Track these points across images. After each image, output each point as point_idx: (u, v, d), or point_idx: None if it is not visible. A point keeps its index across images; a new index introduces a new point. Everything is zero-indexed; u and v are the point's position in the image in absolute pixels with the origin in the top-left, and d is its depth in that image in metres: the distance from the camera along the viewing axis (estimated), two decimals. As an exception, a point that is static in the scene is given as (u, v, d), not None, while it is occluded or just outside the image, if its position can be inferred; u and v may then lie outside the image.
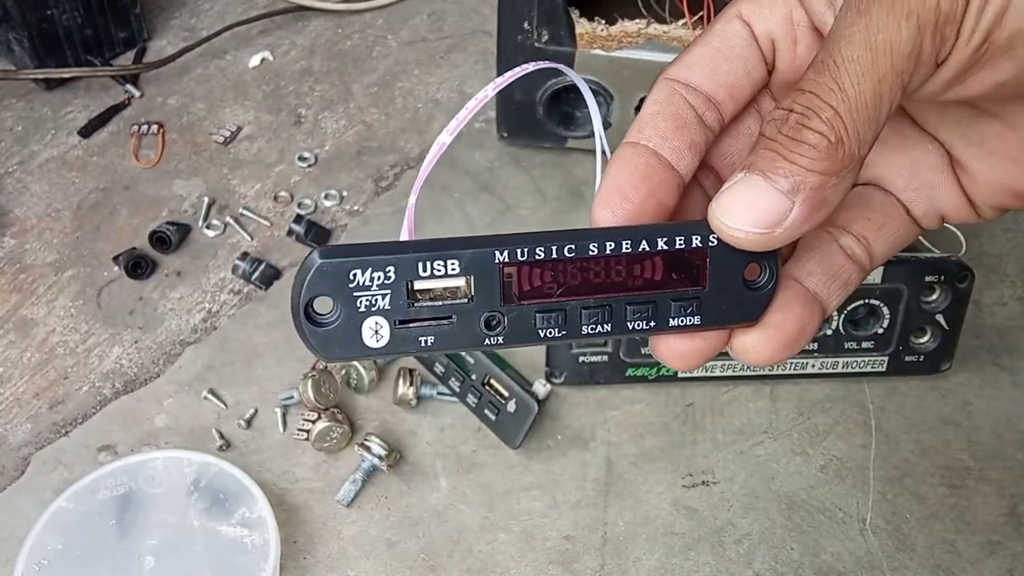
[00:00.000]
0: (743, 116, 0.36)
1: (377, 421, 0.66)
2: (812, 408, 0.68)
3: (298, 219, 0.76)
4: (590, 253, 0.32)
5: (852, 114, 0.29)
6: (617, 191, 0.33)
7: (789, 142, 0.29)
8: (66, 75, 0.86)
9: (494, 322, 0.32)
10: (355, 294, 0.31)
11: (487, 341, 0.32)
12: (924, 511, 0.63)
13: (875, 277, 0.64)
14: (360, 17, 0.95)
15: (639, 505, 0.63)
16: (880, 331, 0.66)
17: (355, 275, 0.30)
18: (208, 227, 0.77)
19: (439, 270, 0.31)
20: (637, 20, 0.73)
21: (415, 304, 0.31)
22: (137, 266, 0.73)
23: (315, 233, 0.76)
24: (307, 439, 0.64)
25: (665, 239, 0.32)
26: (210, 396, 0.67)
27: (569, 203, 0.79)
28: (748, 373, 0.68)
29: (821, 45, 0.30)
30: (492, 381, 0.64)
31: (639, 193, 0.33)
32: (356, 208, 0.79)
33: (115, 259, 0.74)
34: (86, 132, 0.84)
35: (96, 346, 0.70)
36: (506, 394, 0.63)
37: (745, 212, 0.30)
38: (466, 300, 0.31)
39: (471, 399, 0.65)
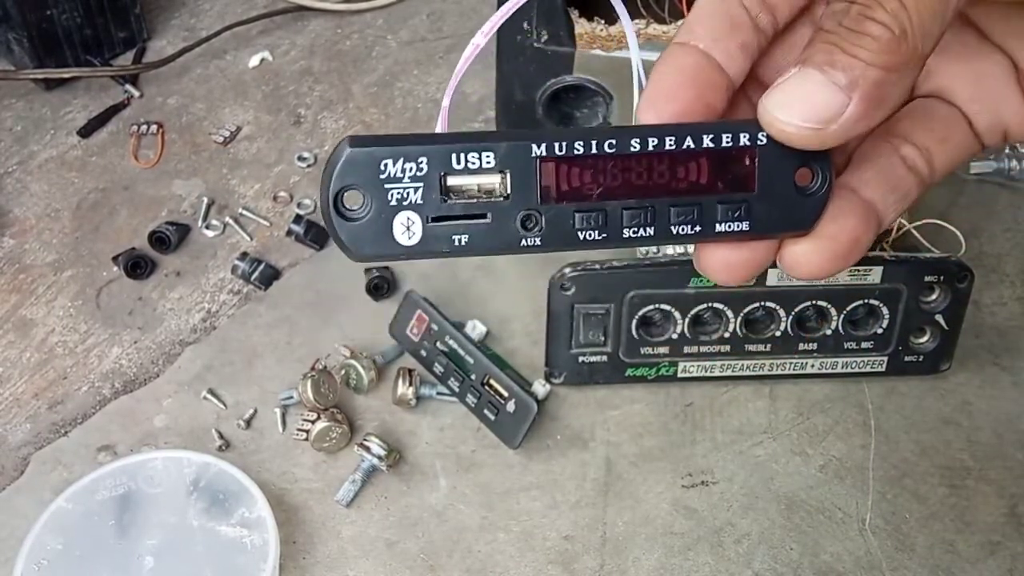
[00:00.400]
0: (796, 26, 0.34)
1: (377, 421, 0.66)
2: (812, 408, 0.68)
3: (297, 219, 0.76)
4: (631, 150, 0.30)
5: (918, 5, 0.27)
6: (664, 92, 0.31)
7: (849, 34, 0.28)
8: (66, 75, 0.86)
9: (531, 222, 0.30)
10: (386, 186, 0.29)
11: (524, 242, 0.30)
12: (924, 511, 0.63)
13: (874, 277, 0.64)
14: (360, 17, 0.95)
15: (638, 505, 0.63)
16: (880, 331, 0.66)
17: (386, 165, 0.29)
18: (207, 227, 0.77)
19: (473, 163, 0.29)
20: (637, 20, 0.73)
21: (448, 200, 0.29)
22: (136, 266, 0.73)
23: (315, 233, 0.76)
24: (306, 439, 0.64)
25: (711, 136, 0.30)
26: (209, 396, 0.67)
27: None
28: (748, 373, 0.68)
29: None
30: (491, 381, 0.64)
31: (687, 94, 0.31)
32: (356, 208, 0.79)
33: (114, 259, 0.74)
34: (85, 132, 0.84)
35: (95, 346, 0.70)
36: (505, 394, 0.63)
37: (797, 106, 0.29)
38: (502, 198, 0.30)
39: (470, 399, 0.65)
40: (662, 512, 0.63)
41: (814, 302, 0.65)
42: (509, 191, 0.30)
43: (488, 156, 0.29)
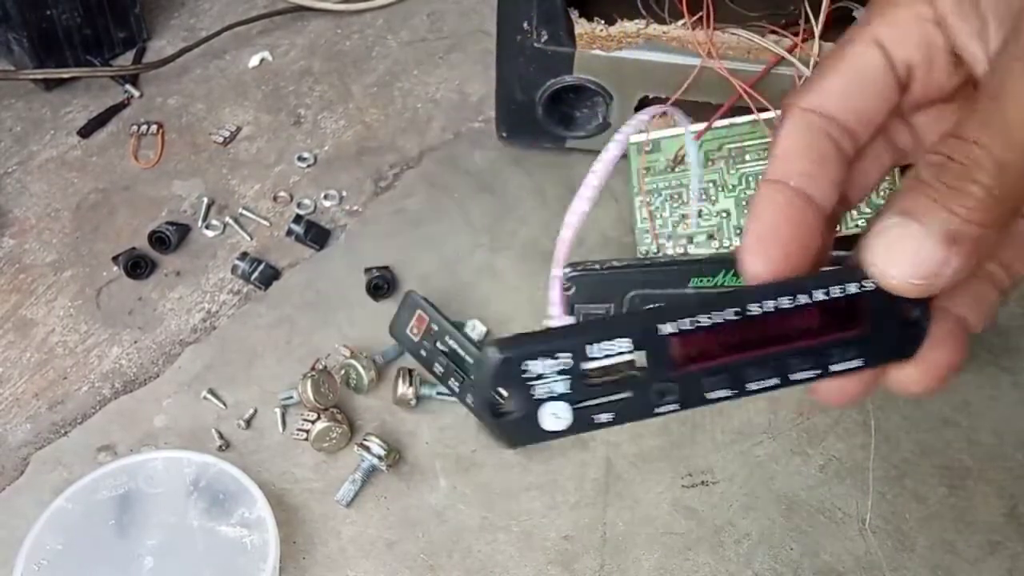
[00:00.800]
0: (870, 144, 0.36)
1: (377, 421, 0.66)
2: (812, 408, 0.68)
3: (297, 219, 0.76)
4: (750, 314, 0.33)
5: (1018, 170, 0.29)
6: (766, 237, 0.33)
7: (949, 192, 0.29)
8: (65, 75, 0.86)
9: (666, 391, 0.33)
10: (533, 383, 0.32)
11: (660, 409, 0.34)
12: (924, 511, 0.63)
13: (875, 277, 0.64)
14: (360, 17, 0.95)
15: (638, 505, 0.63)
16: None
17: (530, 366, 0.32)
18: (207, 227, 0.77)
19: (610, 351, 0.32)
20: (636, 20, 0.73)
21: (590, 385, 0.32)
22: (136, 266, 0.73)
23: (315, 233, 0.76)
24: (306, 439, 0.64)
25: (823, 290, 0.33)
26: (209, 396, 0.67)
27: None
28: (748, 373, 0.68)
29: (980, 90, 0.30)
30: (492, 381, 0.64)
31: (788, 235, 0.33)
32: (355, 208, 0.79)
33: (114, 259, 0.74)
34: (85, 132, 0.84)
35: (95, 346, 0.70)
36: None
37: (904, 261, 0.31)
38: (637, 374, 0.33)
39: (471, 399, 0.65)
40: (662, 512, 0.63)
41: (814, 302, 0.65)
42: (644, 366, 0.33)
43: (623, 342, 0.32)
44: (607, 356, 0.32)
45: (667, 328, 0.32)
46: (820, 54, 0.70)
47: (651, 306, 0.32)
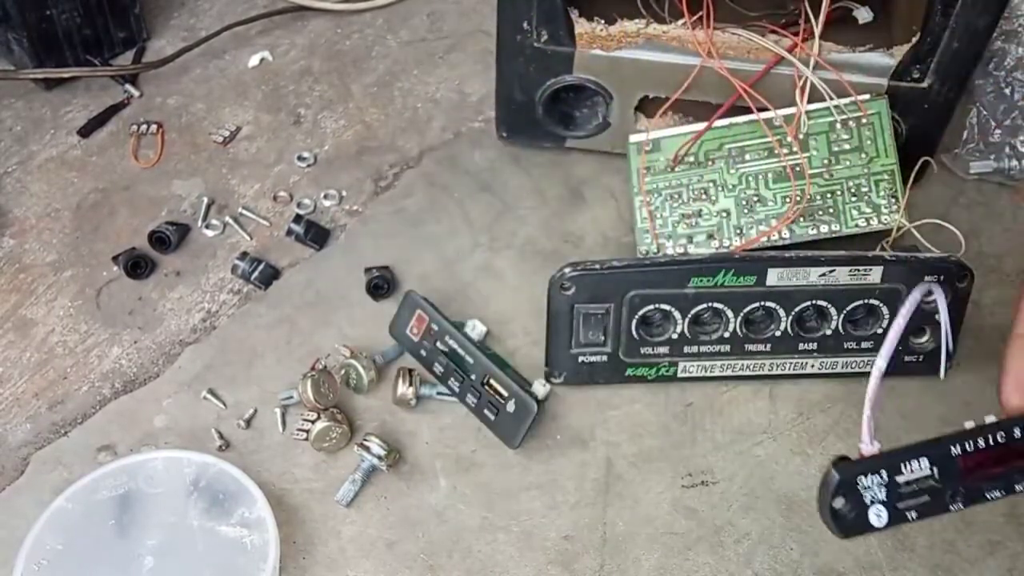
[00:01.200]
0: None
1: (377, 421, 0.66)
2: (812, 408, 0.68)
3: (297, 219, 0.76)
4: (1015, 437, 0.47)
5: None
6: (1023, 382, 0.48)
7: None
8: (65, 75, 0.86)
9: (956, 495, 0.47)
10: (862, 492, 0.46)
11: (951, 507, 0.47)
12: (924, 511, 0.62)
13: (874, 277, 0.64)
14: (360, 17, 0.95)
15: (638, 505, 0.63)
16: (880, 331, 0.66)
17: (861, 480, 0.46)
18: (207, 227, 0.77)
19: (915, 468, 0.46)
20: (636, 20, 0.73)
21: (901, 493, 0.46)
22: (136, 266, 0.73)
23: (315, 233, 0.76)
24: (306, 439, 0.64)
25: None
26: (209, 396, 0.67)
27: (569, 203, 0.79)
28: (748, 373, 0.68)
29: None
30: (491, 381, 0.64)
31: None
32: (355, 208, 0.79)
33: (114, 259, 0.74)
34: (85, 132, 0.84)
35: (95, 346, 0.70)
36: (505, 394, 0.63)
37: None
38: (935, 483, 0.46)
39: (470, 399, 0.65)
40: (662, 512, 0.63)
41: (814, 302, 0.65)
42: (939, 479, 0.46)
43: (924, 461, 0.46)
44: (912, 472, 0.46)
45: (956, 450, 0.46)
46: (820, 54, 0.70)
47: (943, 434, 0.48)
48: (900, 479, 0.46)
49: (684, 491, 0.63)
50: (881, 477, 0.46)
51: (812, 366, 0.68)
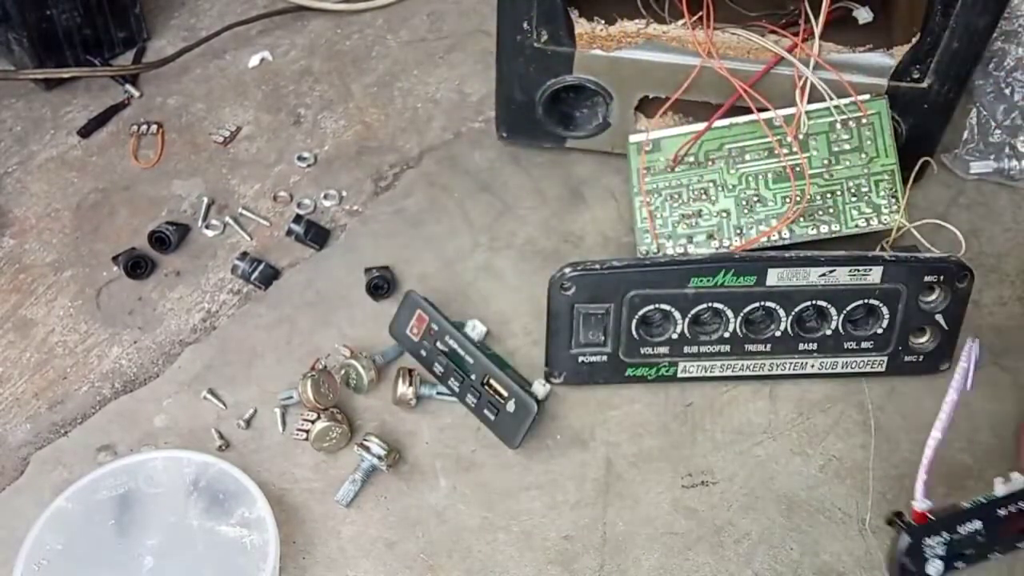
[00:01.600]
0: None
1: (376, 421, 0.66)
2: (812, 408, 0.68)
3: (297, 219, 0.76)
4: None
5: None
6: None
7: None
8: (65, 75, 0.86)
9: (996, 547, 0.57)
10: (924, 551, 0.55)
11: (990, 557, 0.58)
12: (924, 511, 0.62)
13: (874, 277, 0.64)
14: (360, 17, 0.95)
15: (638, 505, 0.63)
16: (879, 331, 0.66)
17: (926, 541, 0.56)
18: (207, 227, 0.77)
19: (965, 527, 0.56)
20: (636, 20, 0.73)
21: (953, 551, 0.56)
22: (136, 266, 0.73)
23: (314, 233, 0.76)
24: (306, 439, 0.64)
25: None
26: (209, 396, 0.67)
27: (569, 203, 0.79)
28: (748, 373, 0.68)
29: None
30: (491, 381, 0.64)
31: None
32: (355, 208, 0.79)
33: (114, 259, 0.74)
34: (85, 132, 0.84)
35: (95, 346, 0.70)
36: (505, 394, 0.63)
37: None
38: (981, 538, 0.56)
39: (470, 399, 0.65)
40: (662, 512, 0.63)
41: (814, 302, 0.65)
42: (985, 532, 0.56)
43: (976, 523, 0.56)
44: (961, 532, 0.56)
45: (1002, 512, 0.56)
46: (820, 54, 0.70)
47: (991, 497, 0.57)
48: (955, 538, 0.56)
49: (684, 491, 0.63)
50: (942, 537, 0.56)
51: (812, 366, 0.68)
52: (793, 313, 0.65)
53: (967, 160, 0.81)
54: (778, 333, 0.66)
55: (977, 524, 0.56)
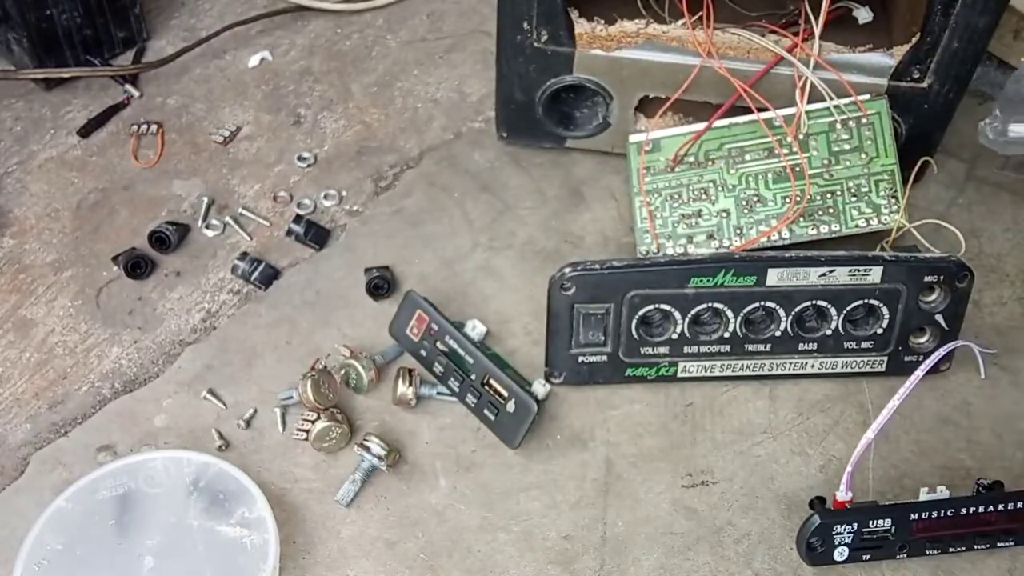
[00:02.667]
0: None
1: (376, 421, 0.66)
2: (811, 408, 0.68)
3: (297, 219, 0.76)
4: (962, 513, 0.59)
5: None
6: None
7: None
8: (65, 75, 0.86)
9: (902, 546, 0.59)
10: (834, 536, 0.59)
11: (898, 556, 0.60)
12: (924, 511, 0.62)
13: (874, 277, 0.64)
14: (360, 17, 0.95)
15: (638, 505, 0.63)
16: (879, 331, 0.66)
17: (836, 528, 0.59)
18: (207, 227, 0.77)
19: (877, 523, 0.59)
20: (636, 20, 0.73)
21: (862, 539, 0.59)
22: (136, 266, 0.73)
23: (314, 233, 0.76)
24: (306, 439, 0.64)
25: (1014, 502, 0.60)
26: (209, 396, 0.67)
27: (569, 203, 0.79)
28: (748, 373, 0.68)
29: None
30: (491, 381, 0.64)
31: None
32: (355, 208, 0.79)
33: (114, 259, 0.74)
34: (85, 132, 0.84)
35: (95, 346, 0.70)
36: (505, 394, 0.63)
37: None
38: (889, 536, 0.59)
39: (470, 399, 0.65)
40: (662, 512, 0.63)
41: (814, 302, 0.65)
42: (895, 532, 0.59)
43: (886, 521, 0.59)
44: (871, 528, 0.59)
45: (913, 516, 0.59)
46: (820, 54, 0.70)
47: (905, 501, 0.60)
48: (865, 530, 0.59)
49: (684, 491, 0.63)
50: (852, 527, 0.58)
51: (812, 366, 0.68)
52: (793, 313, 0.65)
53: (1005, 122, 0.74)
54: (778, 333, 0.66)
55: (887, 522, 0.58)
